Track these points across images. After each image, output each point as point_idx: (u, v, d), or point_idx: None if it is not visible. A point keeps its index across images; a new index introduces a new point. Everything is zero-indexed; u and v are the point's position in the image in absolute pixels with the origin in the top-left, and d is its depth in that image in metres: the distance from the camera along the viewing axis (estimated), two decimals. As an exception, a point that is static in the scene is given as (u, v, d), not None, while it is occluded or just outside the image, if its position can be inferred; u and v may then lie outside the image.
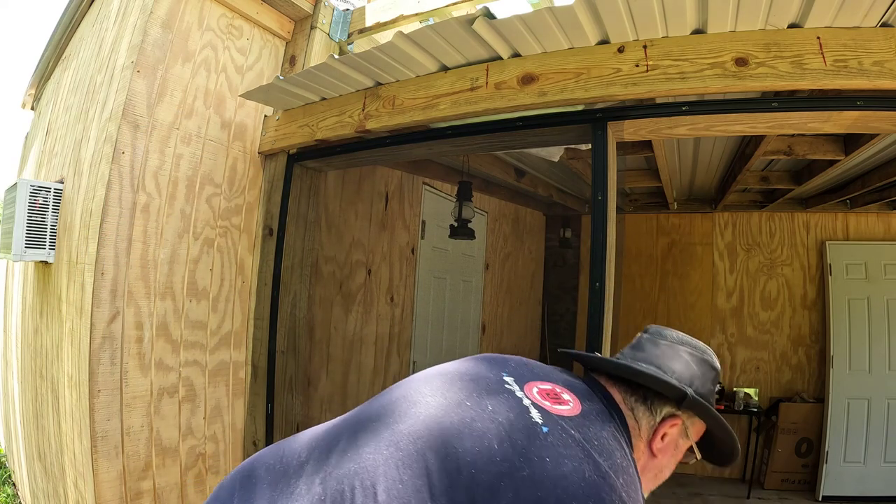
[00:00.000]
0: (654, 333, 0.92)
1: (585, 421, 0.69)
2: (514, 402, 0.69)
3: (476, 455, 0.61)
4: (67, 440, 1.85)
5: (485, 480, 0.59)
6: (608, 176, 1.34)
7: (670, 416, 0.82)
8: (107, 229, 1.62)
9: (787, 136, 2.50)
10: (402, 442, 0.64)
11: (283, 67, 2.17)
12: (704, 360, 0.88)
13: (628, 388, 0.82)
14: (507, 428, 0.64)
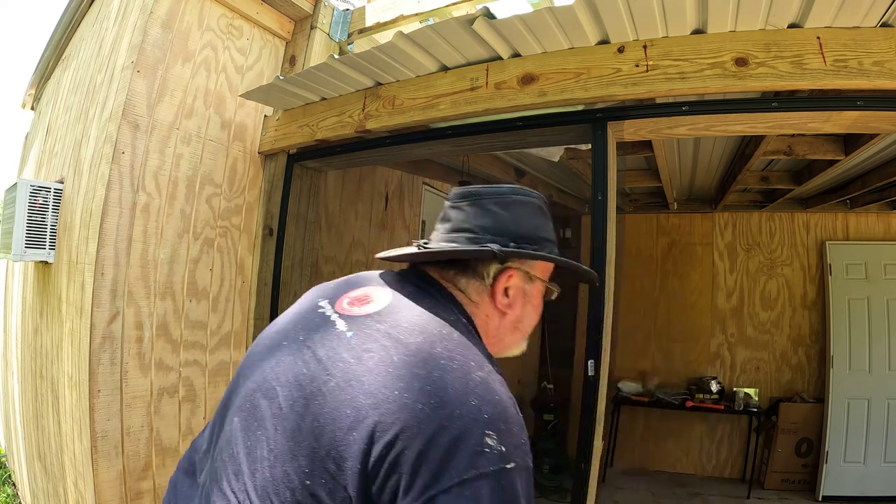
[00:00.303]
0: (454, 197, 0.86)
1: (394, 309, 0.71)
2: (323, 321, 0.73)
3: (293, 387, 0.65)
4: (67, 440, 1.85)
5: (307, 405, 0.62)
6: (608, 176, 1.34)
7: (500, 272, 0.80)
8: (107, 229, 1.62)
9: (787, 136, 2.50)
10: (245, 405, 0.69)
11: (283, 67, 2.17)
12: (514, 201, 0.84)
13: (443, 265, 0.81)
14: (314, 349, 0.68)
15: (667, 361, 4.47)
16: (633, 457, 4.46)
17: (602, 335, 1.29)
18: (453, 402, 0.59)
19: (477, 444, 0.57)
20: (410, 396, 0.59)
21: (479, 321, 0.79)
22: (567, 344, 4.69)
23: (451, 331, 0.69)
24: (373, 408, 0.59)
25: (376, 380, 0.61)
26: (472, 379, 0.62)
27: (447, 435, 0.57)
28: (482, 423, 0.58)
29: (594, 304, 1.31)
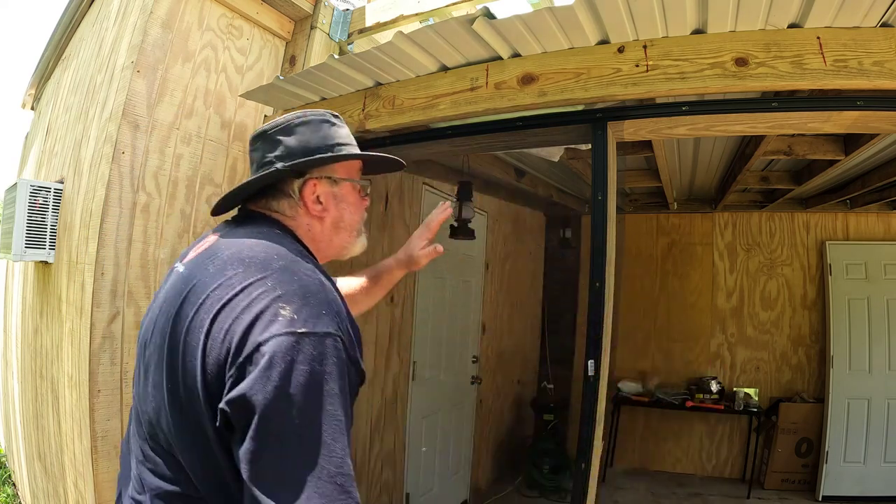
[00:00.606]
0: (250, 144, 0.97)
1: (218, 242, 0.84)
2: (172, 275, 0.87)
3: (154, 335, 0.80)
4: (67, 440, 1.86)
5: (162, 345, 0.76)
6: (608, 176, 1.34)
7: (303, 185, 0.91)
8: (107, 229, 1.62)
9: (787, 136, 2.50)
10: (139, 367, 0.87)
11: (283, 67, 2.17)
12: (297, 124, 0.93)
13: (257, 198, 0.93)
14: (164, 297, 0.82)
15: (667, 361, 4.47)
16: (633, 457, 4.47)
17: (602, 335, 1.29)
18: (255, 285, 0.72)
19: (272, 314, 0.68)
20: (221, 291, 0.73)
21: (302, 231, 0.92)
22: (567, 344, 4.69)
23: (260, 241, 0.81)
24: (195, 307, 0.73)
25: (199, 288, 0.75)
26: (271, 266, 0.75)
27: (250, 312, 0.69)
28: (278, 298, 0.70)
29: (594, 304, 1.31)
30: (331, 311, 0.73)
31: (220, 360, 0.69)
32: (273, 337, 0.67)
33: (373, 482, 2.70)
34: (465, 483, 3.69)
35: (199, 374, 0.70)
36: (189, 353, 0.72)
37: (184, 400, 0.73)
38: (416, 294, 3.04)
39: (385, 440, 2.78)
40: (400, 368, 2.91)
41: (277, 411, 0.64)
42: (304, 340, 0.67)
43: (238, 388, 0.65)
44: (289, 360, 0.66)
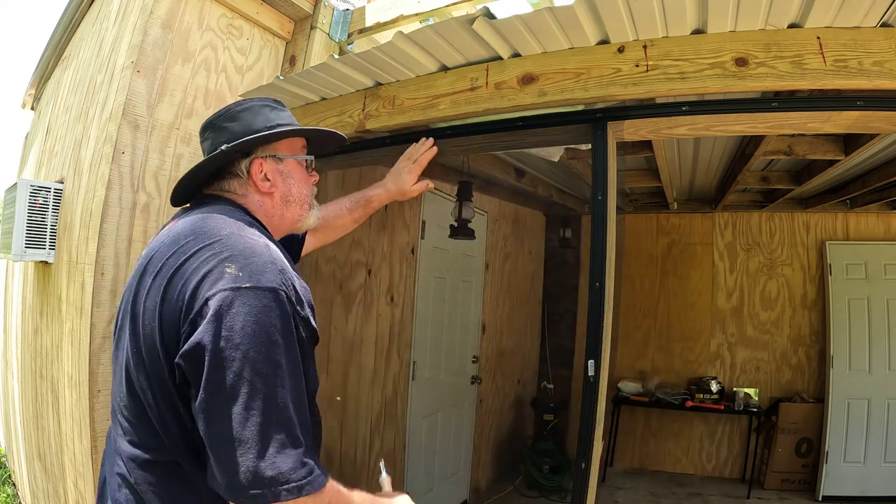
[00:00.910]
0: (200, 136, 1.04)
1: (177, 223, 0.90)
2: (139, 262, 0.91)
3: (121, 313, 0.90)
4: (67, 440, 1.86)
5: (125, 317, 0.86)
6: (608, 176, 1.34)
7: (249, 164, 0.98)
8: (107, 229, 1.62)
9: (787, 136, 2.50)
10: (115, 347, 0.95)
11: (283, 67, 2.17)
12: (239, 111, 1.00)
13: (210, 182, 1.00)
14: (129, 280, 0.90)
15: (667, 361, 4.47)
16: (633, 457, 4.46)
17: (602, 335, 1.29)
18: (203, 249, 0.79)
19: (219, 273, 0.75)
20: (174, 258, 0.80)
21: (254, 207, 0.99)
22: (567, 344, 4.69)
23: (210, 214, 0.89)
24: (152, 275, 0.81)
25: (155, 259, 0.83)
26: (220, 233, 0.82)
27: (199, 272, 0.76)
28: (224, 259, 0.77)
29: (594, 304, 1.31)
30: (275, 269, 0.79)
31: (174, 318, 0.76)
32: (219, 291, 0.73)
33: (373, 482, 2.70)
34: (464, 483, 3.69)
35: (157, 335, 0.77)
36: (147, 317, 0.79)
37: (147, 364, 0.79)
38: (416, 294, 3.04)
39: (385, 440, 2.78)
40: (400, 368, 2.91)
41: (226, 360, 0.70)
42: (249, 293, 0.74)
43: (189, 340, 0.72)
44: (233, 312, 0.72)
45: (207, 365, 0.70)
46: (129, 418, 0.84)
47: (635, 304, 4.61)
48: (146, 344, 0.79)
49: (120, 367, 0.86)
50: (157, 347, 0.77)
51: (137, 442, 0.82)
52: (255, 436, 0.68)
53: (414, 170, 1.50)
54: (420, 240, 3.06)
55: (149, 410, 0.80)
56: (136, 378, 0.81)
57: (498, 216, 4.03)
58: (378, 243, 2.70)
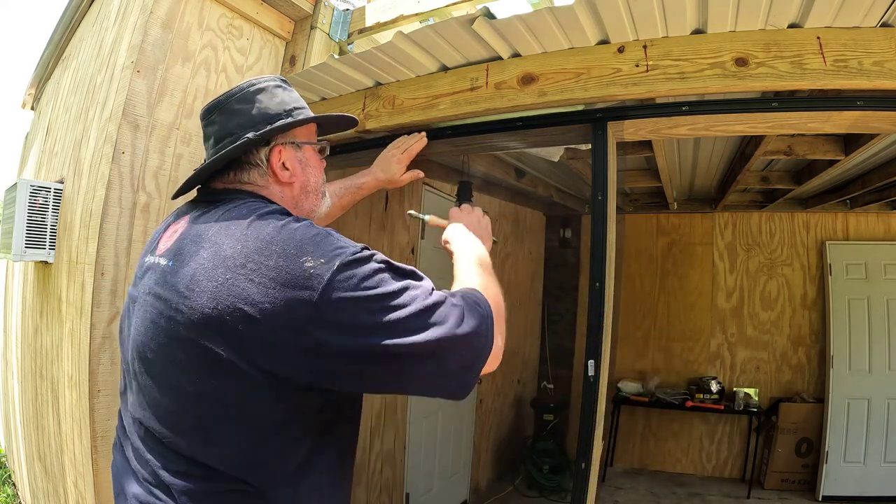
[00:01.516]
0: (204, 117, 0.95)
1: (191, 227, 0.82)
2: (151, 270, 0.84)
3: (155, 336, 0.77)
4: (67, 440, 1.86)
5: (170, 329, 0.75)
6: (608, 176, 1.34)
7: (269, 153, 0.90)
8: (107, 229, 1.62)
9: (787, 136, 2.50)
10: (132, 374, 0.85)
11: (283, 67, 2.17)
12: (253, 92, 0.92)
13: (222, 174, 0.91)
14: (154, 294, 0.79)
15: (667, 361, 4.47)
16: (633, 457, 4.46)
17: (602, 335, 1.29)
18: (263, 253, 0.72)
19: (300, 269, 0.70)
20: (226, 273, 0.71)
21: (276, 198, 0.91)
22: (567, 344, 4.69)
23: (248, 214, 0.79)
24: (211, 296, 0.71)
25: (203, 275, 0.73)
26: (266, 229, 0.75)
27: (275, 271, 0.70)
28: (292, 255, 0.71)
29: (594, 304, 1.31)
30: (335, 240, 0.77)
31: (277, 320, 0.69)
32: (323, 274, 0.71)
33: (373, 482, 2.70)
34: (464, 483, 3.69)
35: (250, 346, 0.70)
36: (226, 333, 0.70)
37: (225, 382, 0.71)
38: (416, 294, 3.03)
39: (385, 440, 2.78)
40: (400, 368, 2.90)
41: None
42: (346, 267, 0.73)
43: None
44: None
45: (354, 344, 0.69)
46: (172, 450, 0.75)
47: (635, 304, 4.61)
48: (228, 361, 0.70)
49: (161, 395, 0.77)
50: (256, 356, 0.70)
51: (190, 473, 0.74)
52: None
53: (403, 160, 1.48)
54: (420, 240, 3.06)
55: (215, 436, 0.73)
56: (197, 405, 0.74)
57: (498, 216, 4.03)
58: (378, 243, 2.70)
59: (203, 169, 0.90)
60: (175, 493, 0.73)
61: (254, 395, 0.71)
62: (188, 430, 0.75)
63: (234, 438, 0.73)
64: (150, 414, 0.78)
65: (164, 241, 0.86)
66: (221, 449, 0.73)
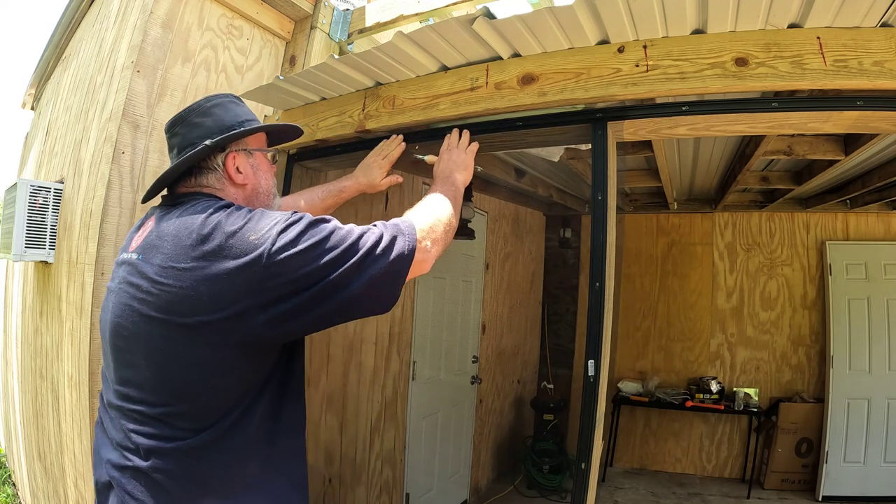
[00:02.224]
0: (168, 130, 1.08)
1: (159, 226, 0.95)
2: (125, 266, 0.96)
3: (128, 317, 0.91)
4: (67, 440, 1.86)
5: (148, 317, 0.88)
6: (608, 176, 1.34)
7: (224, 159, 1.05)
8: (107, 229, 1.62)
9: (787, 136, 2.50)
10: (108, 351, 1.00)
11: (283, 67, 2.17)
12: (210, 107, 1.06)
13: (185, 178, 1.04)
14: (127, 283, 0.93)
15: (667, 361, 4.47)
16: (632, 457, 4.47)
17: (602, 335, 1.29)
18: (217, 237, 0.86)
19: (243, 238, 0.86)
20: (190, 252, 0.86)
21: (230, 199, 1.04)
22: (567, 344, 4.69)
23: (209, 213, 0.91)
24: (177, 278, 0.85)
25: (168, 263, 0.87)
26: (220, 218, 0.89)
27: (232, 257, 0.84)
28: (230, 234, 0.86)
29: (594, 304, 1.31)
30: (273, 218, 0.91)
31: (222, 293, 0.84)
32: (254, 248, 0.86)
33: (373, 482, 2.70)
34: (465, 483, 3.69)
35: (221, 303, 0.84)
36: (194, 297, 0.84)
37: (187, 342, 0.85)
38: (416, 294, 3.04)
39: (385, 440, 2.78)
40: (400, 368, 2.91)
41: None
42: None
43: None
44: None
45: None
46: (157, 404, 0.88)
47: (635, 304, 4.61)
48: (195, 320, 0.84)
49: (138, 367, 0.90)
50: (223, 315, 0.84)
51: (157, 434, 0.87)
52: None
53: (384, 165, 1.59)
54: (420, 240, 3.06)
55: (185, 389, 0.87)
56: (167, 366, 0.87)
57: (498, 216, 4.03)
58: (378, 243, 2.70)
59: (166, 173, 1.03)
60: (143, 453, 0.86)
61: (219, 357, 0.86)
62: (162, 393, 0.88)
63: (200, 397, 0.87)
64: (129, 386, 0.91)
65: (136, 240, 1.00)
66: (190, 406, 0.87)
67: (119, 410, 0.92)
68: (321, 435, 2.33)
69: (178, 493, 0.86)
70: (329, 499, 2.38)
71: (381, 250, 0.91)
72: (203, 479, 0.87)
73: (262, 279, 0.83)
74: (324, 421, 2.34)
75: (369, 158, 1.61)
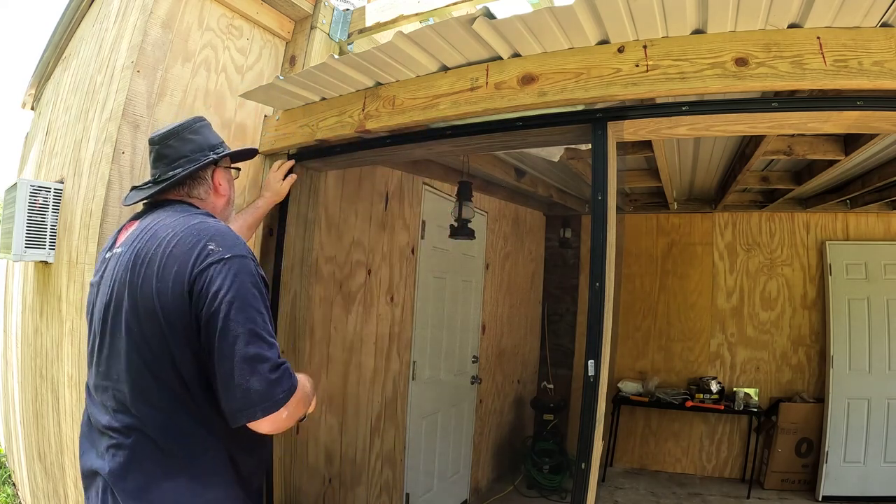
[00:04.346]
0: (160, 139, 1.22)
1: (142, 226, 1.10)
2: (111, 260, 1.11)
3: (114, 306, 1.05)
4: (67, 440, 1.86)
5: (135, 306, 1.00)
6: (608, 176, 1.34)
7: (213, 172, 1.26)
8: (107, 229, 1.62)
9: (787, 136, 2.50)
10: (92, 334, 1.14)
11: (283, 67, 2.17)
12: (199, 127, 1.26)
13: (178, 187, 1.21)
14: (115, 276, 1.06)
15: (667, 361, 4.47)
16: (633, 457, 4.47)
17: (602, 335, 1.29)
18: (186, 239, 1.02)
19: (203, 249, 1.00)
20: (167, 250, 1.02)
21: (209, 209, 1.23)
22: (567, 344, 4.69)
23: (191, 217, 1.10)
24: (158, 273, 1.00)
25: (151, 259, 1.01)
26: (193, 226, 1.05)
27: (190, 253, 1.00)
28: (205, 239, 1.02)
29: (594, 304, 1.31)
30: (241, 242, 1.08)
31: (177, 294, 0.98)
32: (211, 263, 1.00)
33: (373, 482, 2.70)
34: (465, 483, 3.69)
35: (168, 311, 0.98)
36: (160, 301, 0.98)
37: (160, 337, 0.98)
38: (416, 294, 3.04)
39: (385, 440, 2.78)
40: (400, 368, 2.91)
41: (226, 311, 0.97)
42: (233, 261, 1.01)
43: (198, 304, 0.98)
44: (223, 275, 0.98)
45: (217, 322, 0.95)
46: (134, 390, 0.99)
47: (635, 304, 4.61)
48: (160, 321, 0.98)
49: (118, 351, 1.01)
50: (167, 320, 0.97)
51: (144, 405, 0.99)
52: (249, 336, 0.96)
53: (279, 176, 1.84)
54: (420, 240, 3.06)
55: (159, 372, 0.99)
56: (150, 352, 0.98)
57: (498, 216, 4.03)
58: (378, 243, 2.70)
59: (170, 182, 1.17)
60: (124, 430, 0.99)
61: (190, 341, 0.98)
62: (147, 377, 0.99)
63: (176, 380, 0.99)
64: (117, 373, 1.01)
65: (120, 238, 1.13)
66: (169, 384, 0.99)
67: (104, 393, 1.07)
68: (321, 435, 2.33)
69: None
70: (329, 499, 2.38)
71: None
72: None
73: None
74: (324, 421, 2.34)
75: (269, 177, 1.86)
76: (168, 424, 0.98)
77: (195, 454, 0.99)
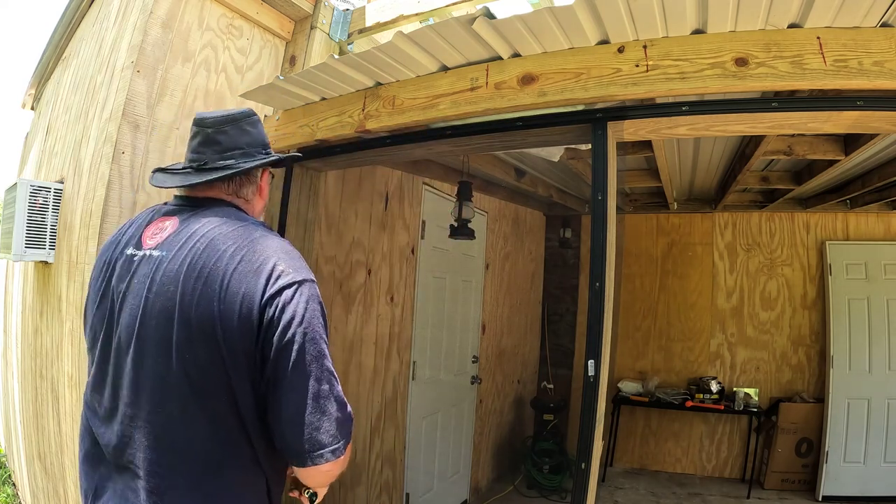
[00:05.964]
0: (214, 123, 1.07)
1: (188, 230, 0.97)
2: (140, 263, 0.96)
3: (150, 319, 0.91)
4: (67, 440, 1.86)
5: (186, 323, 0.89)
6: (608, 176, 1.34)
7: (261, 172, 1.15)
8: (107, 229, 1.62)
9: (787, 136, 2.50)
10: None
11: (283, 67, 2.17)
12: (255, 120, 1.12)
13: (223, 183, 1.07)
14: (143, 280, 0.93)
15: (667, 361, 4.47)
16: (633, 457, 4.47)
17: (602, 335, 1.29)
18: (253, 257, 0.93)
19: (273, 270, 0.91)
20: (225, 265, 0.91)
21: (250, 210, 1.12)
22: (567, 344, 4.69)
23: (237, 220, 1.00)
24: (219, 286, 0.89)
25: (215, 271, 0.90)
26: (257, 240, 0.96)
27: (259, 274, 0.91)
28: (273, 258, 0.93)
29: (594, 304, 1.31)
30: (302, 260, 0.99)
31: (245, 315, 0.89)
32: (284, 287, 0.92)
33: (373, 482, 2.70)
34: (465, 483, 3.69)
35: (228, 333, 0.88)
36: (221, 320, 0.88)
37: (219, 363, 0.88)
38: (416, 294, 3.04)
39: (385, 440, 2.78)
40: (400, 368, 2.91)
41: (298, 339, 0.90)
42: (306, 284, 0.95)
43: (269, 329, 0.89)
44: (296, 300, 0.92)
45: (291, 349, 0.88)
46: (175, 420, 0.89)
47: (635, 304, 4.61)
48: (220, 346, 0.88)
49: (157, 374, 0.89)
50: (229, 346, 0.88)
51: (181, 443, 0.89)
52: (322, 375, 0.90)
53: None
54: (420, 240, 3.06)
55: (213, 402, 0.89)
56: (203, 379, 0.88)
57: (498, 216, 4.03)
58: (378, 243, 2.70)
59: (229, 173, 1.04)
60: (161, 471, 0.89)
61: (251, 370, 0.90)
62: (194, 406, 0.89)
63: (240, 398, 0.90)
64: (152, 401, 0.89)
65: (152, 237, 0.99)
66: (228, 403, 0.90)
67: (137, 417, 0.99)
68: (321, 435, 2.33)
69: None
70: (329, 499, 2.38)
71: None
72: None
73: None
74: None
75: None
76: (210, 457, 0.89)
77: (244, 483, 0.93)
